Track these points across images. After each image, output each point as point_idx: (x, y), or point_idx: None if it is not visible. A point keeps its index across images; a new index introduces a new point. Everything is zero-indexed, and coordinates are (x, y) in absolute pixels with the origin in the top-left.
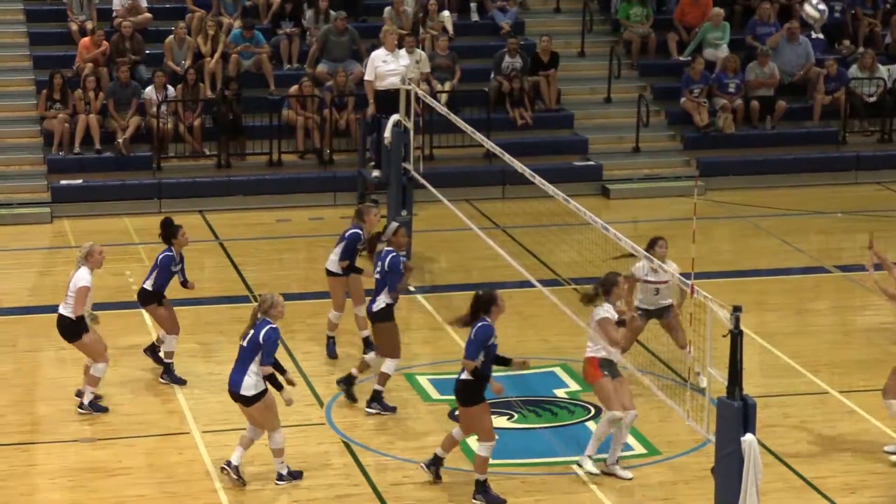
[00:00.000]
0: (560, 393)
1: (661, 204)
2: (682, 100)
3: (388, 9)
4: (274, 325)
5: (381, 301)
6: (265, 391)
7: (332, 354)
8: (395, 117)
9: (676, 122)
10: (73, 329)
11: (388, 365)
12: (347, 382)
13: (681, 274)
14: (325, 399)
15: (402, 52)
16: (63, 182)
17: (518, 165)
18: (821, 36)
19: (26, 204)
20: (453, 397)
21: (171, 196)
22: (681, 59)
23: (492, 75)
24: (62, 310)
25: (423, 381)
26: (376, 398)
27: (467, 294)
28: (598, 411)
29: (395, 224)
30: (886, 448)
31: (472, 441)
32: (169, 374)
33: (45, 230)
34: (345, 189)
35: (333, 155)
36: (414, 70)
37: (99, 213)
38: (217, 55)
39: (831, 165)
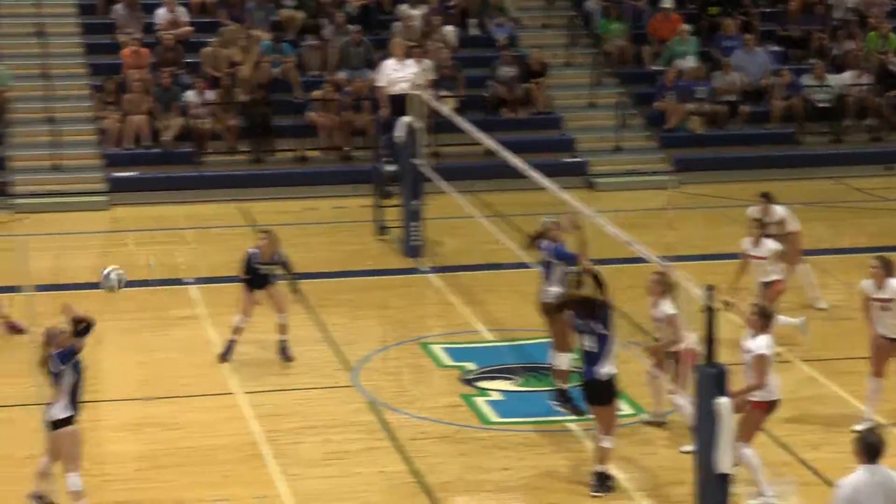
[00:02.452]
0: None
1: (640, 196)
2: (656, 104)
3: (397, 23)
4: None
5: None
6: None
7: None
8: (406, 118)
9: (653, 123)
10: None
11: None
12: None
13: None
14: (353, 364)
15: (411, 61)
16: (118, 174)
17: (514, 161)
18: (777, 48)
19: (87, 193)
20: (464, 364)
21: (211, 187)
22: (654, 68)
23: (490, 82)
24: None
25: (436, 349)
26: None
27: (473, 274)
28: None
29: (545, 220)
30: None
31: None
32: None
33: (103, 216)
34: (363, 181)
35: (352, 151)
36: (421, 77)
37: (149, 201)
38: (250, 63)
39: (789, 162)
